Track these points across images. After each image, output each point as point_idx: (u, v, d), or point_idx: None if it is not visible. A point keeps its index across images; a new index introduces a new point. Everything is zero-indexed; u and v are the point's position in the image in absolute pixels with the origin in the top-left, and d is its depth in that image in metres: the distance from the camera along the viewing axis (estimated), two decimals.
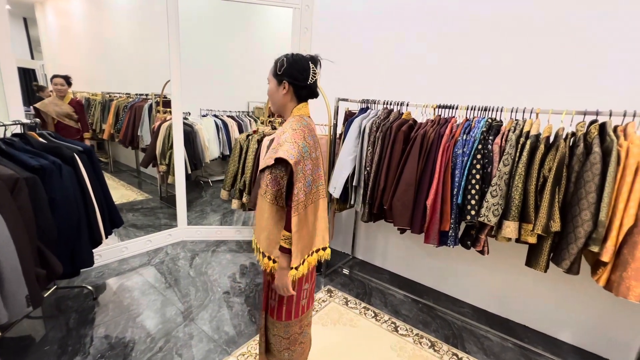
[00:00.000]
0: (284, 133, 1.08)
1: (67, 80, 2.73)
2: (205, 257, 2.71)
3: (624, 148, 1.35)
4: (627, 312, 1.73)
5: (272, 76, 1.14)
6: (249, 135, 2.69)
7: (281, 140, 1.06)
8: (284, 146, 1.03)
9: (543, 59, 1.83)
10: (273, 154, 1.05)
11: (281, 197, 1.08)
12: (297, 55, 1.11)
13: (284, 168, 1.04)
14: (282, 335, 1.25)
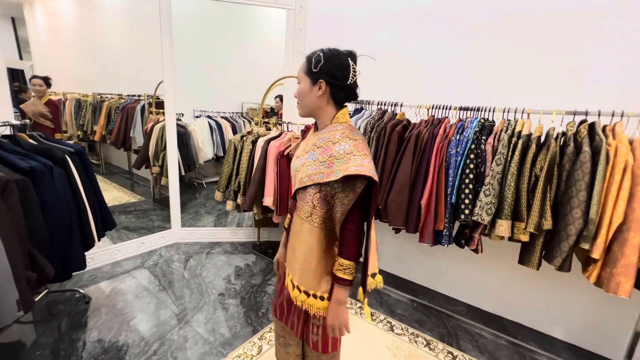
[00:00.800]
0: (335, 144, 0.91)
1: (46, 81, 2.69)
2: (199, 259, 2.69)
3: (612, 147, 1.38)
4: (617, 308, 1.77)
5: (304, 74, 0.98)
6: (244, 136, 2.68)
7: (337, 152, 0.89)
8: (357, 159, 0.86)
9: (534, 60, 1.86)
10: (326, 169, 0.89)
11: (331, 220, 0.92)
12: (335, 50, 0.97)
13: (354, 186, 0.86)
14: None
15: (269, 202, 2.41)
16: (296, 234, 0.97)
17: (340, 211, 0.89)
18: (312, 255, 0.93)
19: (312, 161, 0.94)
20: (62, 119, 3.12)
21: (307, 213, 0.94)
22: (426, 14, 2.19)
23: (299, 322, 1.06)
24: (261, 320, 1.96)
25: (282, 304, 1.13)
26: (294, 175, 1.01)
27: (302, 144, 1.06)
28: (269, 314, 2.02)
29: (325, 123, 0.99)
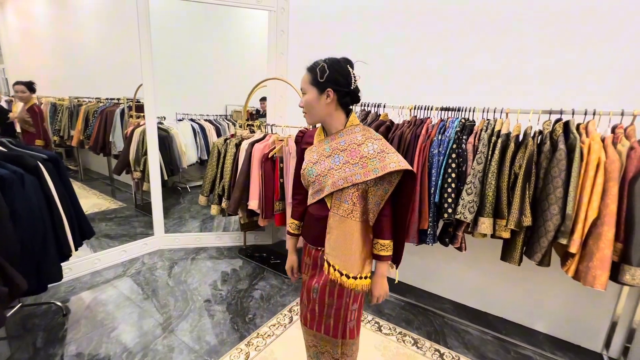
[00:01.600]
0: (361, 145, 1.03)
1: (29, 87, 2.58)
2: (184, 265, 2.63)
3: (586, 145, 1.43)
4: (594, 300, 1.83)
5: (310, 85, 1.04)
6: (227, 139, 2.65)
7: (368, 152, 1.01)
8: (392, 156, 0.99)
9: (512, 61, 1.91)
10: (361, 169, 1.00)
11: (367, 212, 1.05)
12: (334, 59, 1.06)
13: (391, 178, 1.01)
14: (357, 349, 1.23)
15: (254, 205, 2.39)
16: (337, 231, 1.05)
17: (378, 202, 1.04)
18: (357, 246, 1.05)
19: (341, 164, 1.03)
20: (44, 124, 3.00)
21: (348, 211, 1.04)
22: (406, 15, 2.21)
23: (338, 320, 1.12)
24: (248, 326, 1.93)
25: (314, 310, 1.14)
26: (316, 180, 1.07)
27: (315, 149, 1.11)
28: (256, 319, 1.99)
29: (338, 127, 1.08)
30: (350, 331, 1.16)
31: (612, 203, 1.36)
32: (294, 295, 2.27)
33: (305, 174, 1.11)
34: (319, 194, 1.08)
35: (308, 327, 1.18)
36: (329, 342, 1.17)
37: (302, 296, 1.21)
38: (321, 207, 1.09)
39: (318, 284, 1.12)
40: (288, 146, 2.32)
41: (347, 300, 1.11)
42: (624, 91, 1.65)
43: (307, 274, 1.19)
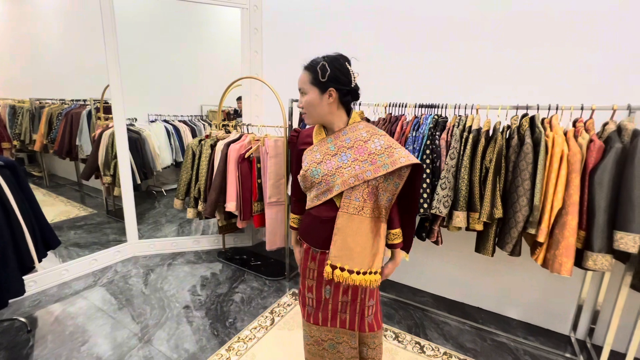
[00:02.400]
0: (367, 142, 1.03)
1: None
2: (160, 271, 2.54)
3: (550, 138, 1.49)
4: (562, 286, 1.92)
5: (311, 85, 1.03)
6: (202, 140, 2.58)
7: (375, 149, 1.02)
8: (400, 151, 1.00)
9: (481, 59, 1.97)
10: (370, 166, 1.00)
11: (378, 207, 1.04)
12: (333, 57, 1.04)
13: (401, 173, 1.01)
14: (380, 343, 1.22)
15: (232, 207, 2.34)
16: (346, 229, 1.03)
17: (389, 198, 1.04)
18: (367, 242, 1.04)
19: (349, 162, 1.03)
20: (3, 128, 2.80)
21: (359, 208, 1.03)
22: (380, 12, 2.23)
23: (354, 314, 1.14)
24: (228, 331, 1.89)
25: (327, 310, 1.15)
26: (322, 180, 1.05)
27: (317, 149, 1.09)
28: (237, 323, 1.96)
29: (340, 126, 1.08)
30: (370, 325, 1.17)
31: (575, 193, 1.43)
32: (275, 297, 2.25)
33: (308, 175, 1.07)
34: (326, 194, 1.06)
35: (321, 324, 1.17)
36: (345, 333, 1.17)
37: (308, 300, 1.18)
38: (329, 208, 1.07)
39: (330, 285, 1.12)
40: (265, 146, 2.29)
41: (363, 297, 1.12)
42: (584, 87, 1.74)
43: (312, 279, 1.15)
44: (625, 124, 1.42)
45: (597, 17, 1.67)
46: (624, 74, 1.65)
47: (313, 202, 1.10)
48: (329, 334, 1.19)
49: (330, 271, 1.04)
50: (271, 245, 2.43)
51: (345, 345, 1.18)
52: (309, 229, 1.15)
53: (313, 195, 1.10)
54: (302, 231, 1.19)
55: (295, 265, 2.71)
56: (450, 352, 1.78)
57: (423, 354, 1.77)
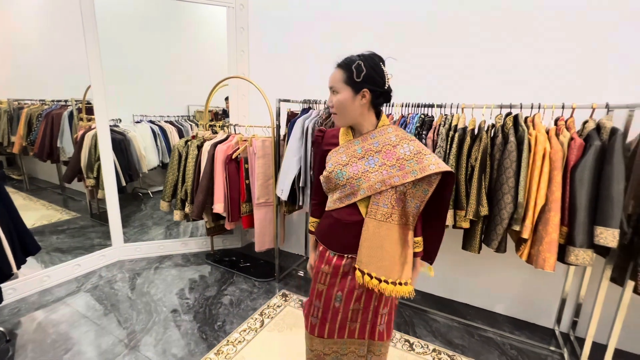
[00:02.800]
0: (396, 146, 0.99)
1: None
2: (147, 275, 2.49)
3: (533, 136, 1.52)
4: (546, 280, 1.97)
5: (343, 84, 0.98)
6: (188, 140, 2.53)
7: (404, 154, 0.98)
8: (430, 158, 0.96)
9: (466, 59, 2.00)
10: (398, 172, 0.97)
11: (405, 215, 1.01)
12: (369, 56, 0.99)
13: (430, 179, 0.97)
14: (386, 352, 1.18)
15: (220, 208, 2.31)
16: (374, 236, 1.00)
17: (417, 205, 1.01)
18: (396, 250, 1.01)
19: (377, 166, 1.00)
20: None
21: (387, 214, 1.00)
22: (369, 12, 2.24)
23: (366, 322, 1.11)
24: (217, 334, 1.86)
25: (335, 320, 1.10)
26: (347, 183, 1.02)
27: (343, 151, 1.06)
28: (226, 326, 1.93)
29: (368, 128, 1.05)
30: (380, 334, 1.13)
31: (557, 190, 1.46)
32: (264, 298, 2.23)
33: (333, 177, 1.04)
34: (350, 197, 1.03)
35: (327, 337, 1.12)
36: (353, 343, 1.14)
37: (313, 310, 1.13)
38: (352, 211, 1.04)
39: (342, 292, 1.08)
40: (252, 146, 2.27)
41: (376, 304, 1.09)
42: (565, 86, 1.78)
43: (324, 283, 1.10)
44: (604, 122, 1.46)
45: (577, 20, 1.71)
46: (602, 73, 1.70)
47: (335, 204, 1.07)
48: (333, 346, 1.14)
49: (360, 275, 1.00)
50: (260, 246, 2.41)
51: (351, 356, 1.15)
52: (328, 231, 1.11)
53: (336, 198, 1.06)
54: (320, 232, 1.14)
55: (285, 265, 2.69)
56: (439, 349, 1.80)
57: (412, 351, 1.79)
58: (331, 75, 1.01)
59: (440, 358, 1.74)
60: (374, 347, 1.15)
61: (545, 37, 1.79)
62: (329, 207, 1.10)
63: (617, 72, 1.67)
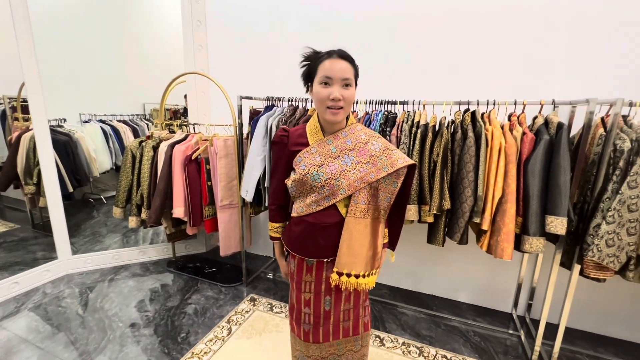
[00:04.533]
0: (367, 143, 1.02)
1: None
2: (100, 289, 2.28)
3: (489, 132, 1.59)
4: (504, 268, 2.08)
5: (353, 78, 0.99)
6: (142, 141, 2.35)
7: (375, 150, 1.01)
8: (396, 153, 1.01)
9: (426, 56, 2.04)
10: (372, 168, 0.99)
11: (378, 209, 1.03)
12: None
13: (399, 173, 1.01)
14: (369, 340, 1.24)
15: (180, 213, 2.17)
16: (353, 233, 1.01)
17: (390, 197, 1.04)
18: (370, 244, 1.03)
19: (354, 164, 1.00)
20: None
21: (364, 211, 1.01)
22: (333, 7, 2.21)
23: (357, 319, 1.14)
24: (181, 347, 1.75)
25: (328, 323, 1.11)
26: (325, 184, 1.00)
27: (316, 150, 1.03)
28: (190, 338, 1.82)
29: (340, 126, 1.04)
30: (365, 325, 1.18)
31: (512, 182, 1.53)
32: (232, 304, 2.14)
33: (308, 179, 1.00)
34: (329, 199, 1.01)
35: (322, 341, 1.12)
36: (349, 341, 1.16)
37: (304, 317, 1.11)
38: (330, 213, 1.03)
39: (330, 296, 1.08)
40: (214, 146, 2.15)
41: (363, 298, 1.15)
42: (517, 83, 1.88)
43: (309, 291, 1.09)
44: (551, 118, 1.55)
45: (526, 21, 1.81)
46: (549, 71, 1.81)
47: (310, 208, 1.02)
48: (330, 349, 1.14)
49: (337, 278, 1.02)
50: (226, 250, 2.31)
51: (349, 354, 1.17)
52: (302, 239, 1.06)
53: (311, 201, 1.02)
54: (294, 241, 1.09)
55: (253, 268, 2.61)
56: (408, 342, 1.83)
57: (383, 346, 1.80)
58: (339, 67, 0.95)
59: (409, 351, 1.77)
60: (362, 340, 1.19)
61: (497, 36, 1.87)
62: (301, 212, 1.05)
63: (563, 70, 1.80)
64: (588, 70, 1.76)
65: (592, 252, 1.38)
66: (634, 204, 1.33)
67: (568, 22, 1.75)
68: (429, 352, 1.76)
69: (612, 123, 1.37)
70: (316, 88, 0.98)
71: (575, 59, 1.77)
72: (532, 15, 1.80)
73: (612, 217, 1.35)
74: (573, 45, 1.76)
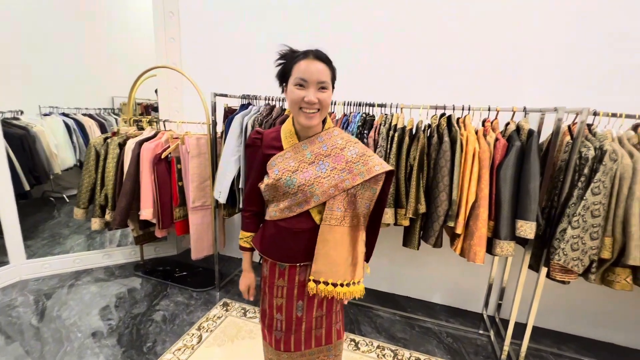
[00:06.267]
0: (344, 149, 0.98)
1: None
2: (58, 296, 2.12)
3: (464, 137, 1.60)
4: (476, 270, 2.13)
5: (330, 81, 0.95)
6: (108, 138, 2.21)
7: (351, 156, 0.98)
8: (374, 159, 0.98)
9: (405, 59, 2.04)
10: (348, 174, 0.96)
11: (357, 216, 1.00)
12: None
13: (377, 179, 0.98)
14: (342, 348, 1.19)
15: (148, 214, 2.05)
16: (329, 242, 0.98)
17: (369, 204, 1.01)
18: (349, 252, 1.00)
19: (328, 171, 0.97)
20: None
21: (340, 218, 0.98)
22: (312, 6, 2.16)
23: (330, 327, 1.10)
24: (147, 357, 1.65)
25: (300, 330, 1.07)
26: (299, 190, 0.96)
27: (290, 155, 0.99)
28: (157, 347, 1.73)
29: (316, 130, 1.00)
30: (338, 332, 1.13)
31: (485, 187, 1.56)
32: (203, 310, 2.05)
33: (281, 184, 0.96)
34: (302, 206, 0.97)
35: (294, 350, 1.07)
36: (321, 351, 1.11)
37: (276, 323, 1.07)
38: (303, 219, 1.00)
39: (302, 301, 1.05)
40: (185, 144, 2.05)
41: (337, 305, 1.10)
42: (491, 89, 1.92)
43: (282, 296, 1.05)
44: (522, 124, 1.59)
45: (500, 30, 1.85)
46: (521, 78, 1.87)
47: (283, 214, 0.99)
48: (302, 358, 1.10)
49: (314, 286, 0.99)
50: (198, 253, 2.22)
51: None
52: (274, 242, 1.04)
53: (284, 206, 0.99)
54: (266, 245, 1.06)
55: (226, 271, 2.52)
56: (383, 345, 1.83)
57: (358, 350, 1.79)
58: (315, 69, 0.91)
59: (384, 354, 1.77)
60: (335, 349, 1.15)
61: (473, 42, 1.91)
62: (274, 216, 1.02)
63: (534, 77, 1.86)
64: (559, 79, 1.82)
65: (558, 256, 1.43)
66: (597, 209, 1.39)
67: (541, 30, 1.81)
68: (403, 354, 1.77)
69: (579, 131, 1.42)
70: (290, 89, 0.93)
71: (546, 66, 1.83)
72: (508, 21, 1.84)
73: (577, 222, 1.40)
74: (544, 54, 1.82)
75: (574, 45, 1.77)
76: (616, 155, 1.38)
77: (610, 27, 1.71)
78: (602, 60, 1.75)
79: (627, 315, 1.91)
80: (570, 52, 1.78)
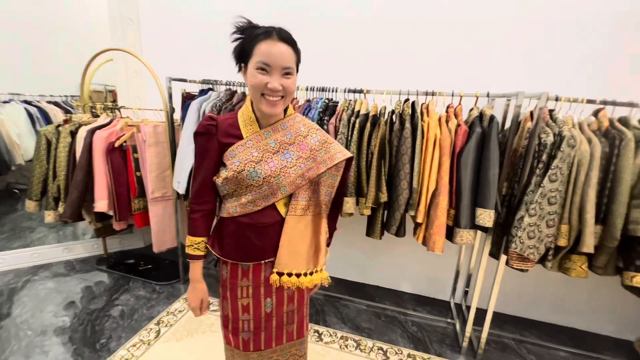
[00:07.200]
0: (307, 137, 0.94)
1: None
2: (11, 292, 2.03)
3: (426, 123, 1.55)
4: (443, 258, 2.12)
5: (295, 65, 0.87)
6: (59, 125, 2.08)
7: (314, 144, 0.94)
8: (334, 146, 0.97)
9: (371, 44, 1.96)
10: (313, 163, 0.93)
11: (319, 204, 0.99)
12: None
13: (338, 166, 0.98)
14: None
15: (103, 206, 1.96)
16: (294, 232, 0.95)
17: (331, 191, 1.00)
18: (312, 241, 0.99)
19: (294, 160, 0.92)
20: None
21: (305, 208, 0.96)
22: None
23: (301, 320, 1.07)
24: (98, 355, 1.59)
25: (270, 328, 1.02)
26: (264, 182, 0.89)
27: (253, 144, 0.90)
28: (111, 343, 1.66)
29: (279, 117, 0.93)
30: (307, 325, 1.11)
31: (445, 175, 1.52)
32: (165, 304, 1.99)
33: (244, 177, 0.87)
34: (268, 199, 0.91)
35: (264, 348, 1.02)
36: (293, 345, 1.08)
37: (243, 325, 0.98)
38: (268, 212, 0.94)
39: (271, 297, 0.99)
40: (141, 132, 1.95)
41: (306, 297, 1.07)
42: (457, 74, 1.86)
43: (247, 296, 0.97)
44: (485, 110, 1.55)
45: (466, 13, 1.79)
46: (488, 64, 1.82)
47: (246, 209, 0.91)
48: (273, 355, 1.05)
49: (277, 279, 0.95)
50: (160, 246, 2.14)
51: (293, 359, 1.11)
52: (237, 242, 0.94)
53: (247, 201, 0.90)
54: (226, 246, 0.96)
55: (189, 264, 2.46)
56: (346, 335, 1.81)
57: (321, 341, 1.77)
58: (279, 52, 0.82)
59: (347, 345, 1.75)
60: (305, 341, 1.13)
61: (437, 27, 1.84)
62: (234, 212, 0.92)
63: (502, 62, 1.81)
64: (525, 64, 1.78)
65: (514, 244, 1.41)
66: (554, 196, 1.36)
67: (509, 15, 1.75)
68: (365, 344, 1.75)
69: (538, 117, 1.38)
70: (252, 72, 0.83)
71: (512, 52, 1.78)
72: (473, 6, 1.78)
73: (534, 209, 1.38)
74: (511, 39, 1.77)
75: (542, 30, 1.72)
76: (574, 142, 1.35)
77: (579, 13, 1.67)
78: (568, 45, 1.71)
79: (588, 301, 1.94)
80: (540, 38, 1.74)
